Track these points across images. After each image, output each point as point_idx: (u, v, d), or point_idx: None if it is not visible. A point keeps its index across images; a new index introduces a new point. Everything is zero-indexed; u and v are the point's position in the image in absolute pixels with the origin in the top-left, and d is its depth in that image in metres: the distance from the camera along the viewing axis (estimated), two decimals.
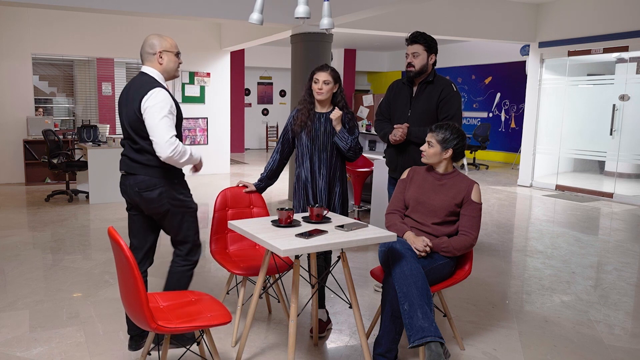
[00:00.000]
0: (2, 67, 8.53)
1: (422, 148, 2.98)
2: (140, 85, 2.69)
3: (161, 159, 2.63)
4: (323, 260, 3.21)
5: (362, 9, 5.94)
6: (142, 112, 2.63)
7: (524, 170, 9.35)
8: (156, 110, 2.61)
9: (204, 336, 2.51)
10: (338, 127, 3.08)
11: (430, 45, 3.48)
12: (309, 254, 2.99)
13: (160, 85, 2.71)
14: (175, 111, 2.72)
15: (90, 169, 7.10)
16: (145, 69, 2.77)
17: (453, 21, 8.28)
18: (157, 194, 2.72)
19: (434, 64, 3.54)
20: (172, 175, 2.76)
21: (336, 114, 3.05)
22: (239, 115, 13.80)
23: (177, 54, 2.82)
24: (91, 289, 3.94)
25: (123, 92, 2.81)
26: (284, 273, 3.09)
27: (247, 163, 12.14)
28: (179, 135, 2.76)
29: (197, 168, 2.91)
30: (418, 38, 3.48)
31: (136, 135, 2.69)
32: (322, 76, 3.07)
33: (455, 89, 3.54)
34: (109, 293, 3.86)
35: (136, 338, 2.94)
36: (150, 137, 2.64)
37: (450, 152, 2.90)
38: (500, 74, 12.75)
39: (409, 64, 3.50)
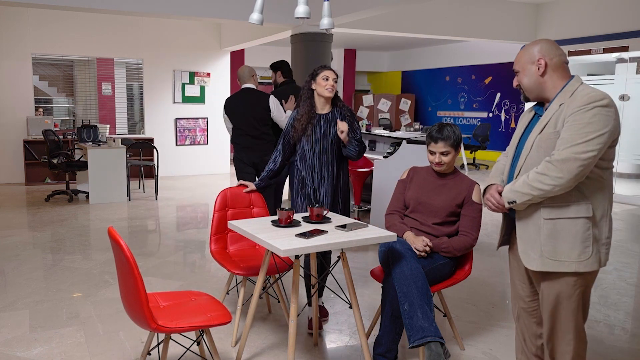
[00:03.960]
0: (2, 67, 8.54)
1: (436, 160, 2.85)
2: (258, 95, 4.50)
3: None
4: (322, 259, 3.21)
5: (362, 9, 5.94)
6: (270, 108, 4.46)
7: None
8: (279, 108, 4.52)
9: (204, 336, 2.51)
10: (347, 140, 3.07)
11: (274, 66, 5.20)
12: (308, 254, 2.99)
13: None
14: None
15: (90, 169, 7.09)
16: (247, 85, 4.56)
17: (453, 21, 8.28)
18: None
19: (284, 75, 5.17)
20: None
21: (343, 126, 3.01)
22: None
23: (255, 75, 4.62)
24: (91, 289, 3.95)
25: (239, 103, 4.47)
26: (284, 273, 3.09)
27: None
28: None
29: None
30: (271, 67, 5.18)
31: (263, 125, 4.48)
32: (332, 74, 3.14)
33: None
34: (109, 293, 3.86)
35: None
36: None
37: (460, 147, 2.90)
38: (500, 74, 12.75)
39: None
